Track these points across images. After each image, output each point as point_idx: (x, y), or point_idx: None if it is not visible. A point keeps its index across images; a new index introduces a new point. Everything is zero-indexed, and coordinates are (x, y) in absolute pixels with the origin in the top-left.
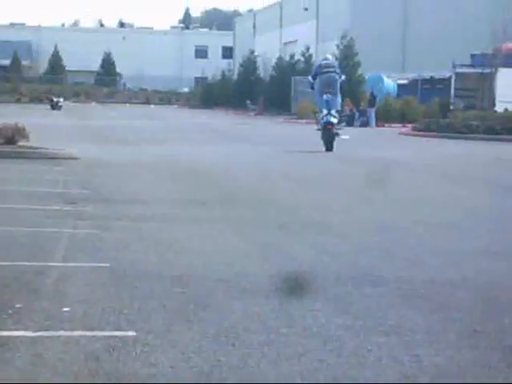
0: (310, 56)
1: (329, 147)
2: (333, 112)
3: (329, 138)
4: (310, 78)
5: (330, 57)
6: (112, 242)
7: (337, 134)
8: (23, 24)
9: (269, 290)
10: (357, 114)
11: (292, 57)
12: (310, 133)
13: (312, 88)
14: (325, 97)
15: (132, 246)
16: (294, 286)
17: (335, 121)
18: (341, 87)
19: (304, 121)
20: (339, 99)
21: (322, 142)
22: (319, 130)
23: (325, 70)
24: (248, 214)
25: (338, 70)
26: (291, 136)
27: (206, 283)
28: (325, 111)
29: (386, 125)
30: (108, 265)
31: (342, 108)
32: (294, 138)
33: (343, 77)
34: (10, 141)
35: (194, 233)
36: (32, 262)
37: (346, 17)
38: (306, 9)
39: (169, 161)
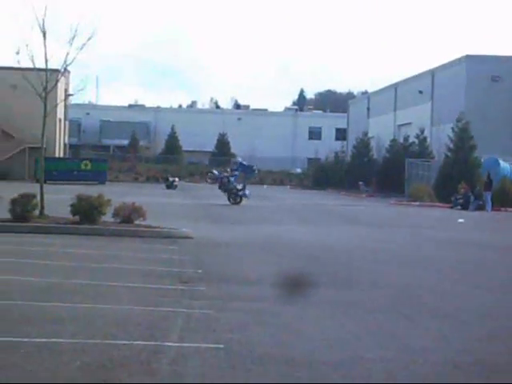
0: (425, 139)
1: (237, 202)
2: (245, 190)
3: (240, 200)
4: (234, 171)
5: (240, 159)
6: (226, 323)
7: (245, 196)
8: (143, 105)
9: (383, 376)
10: (472, 197)
11: (406, 139)
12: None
13: (236, 176)
14: (240, 184)
15: (246, 327)
16: (408, 372)
17: (248, 193)
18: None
19: (417, 203)
20: (245, 185)
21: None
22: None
23: (244, 169)
24: (361, 296)
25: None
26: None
27: (322, 367)
28: (241, 190)
29: (502, 209)
30: (222, 346)
31: (457, 191)
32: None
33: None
34: (127, 219)
35: (307, 315)
36: (148, 341)
37: (462, 100)
38: (421, 91)
39: (280, 241)
